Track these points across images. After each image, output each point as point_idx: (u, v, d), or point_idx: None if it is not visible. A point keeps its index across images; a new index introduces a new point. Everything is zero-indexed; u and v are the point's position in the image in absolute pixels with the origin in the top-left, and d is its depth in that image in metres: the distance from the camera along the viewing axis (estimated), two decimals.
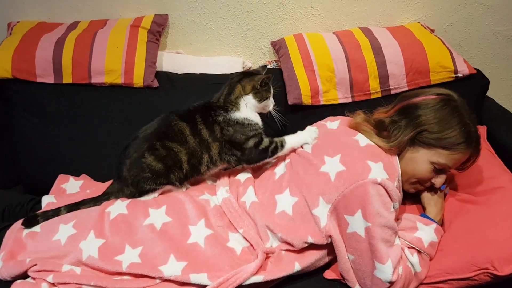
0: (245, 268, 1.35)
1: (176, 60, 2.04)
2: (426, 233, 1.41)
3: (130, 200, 1.50)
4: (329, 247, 1.43)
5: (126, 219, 1.42)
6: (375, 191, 1.30)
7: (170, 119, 1.53)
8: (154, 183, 1.48)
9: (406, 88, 1.86)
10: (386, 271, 1.30)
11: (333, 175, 1.35)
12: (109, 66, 1.81)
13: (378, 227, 1.30)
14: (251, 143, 1.51)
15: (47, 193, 1.71)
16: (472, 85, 1.89)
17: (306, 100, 1.82)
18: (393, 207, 1.35)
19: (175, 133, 1.50)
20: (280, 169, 1.55)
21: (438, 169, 1.42)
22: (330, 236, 1.38)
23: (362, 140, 1.42)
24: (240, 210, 1.47)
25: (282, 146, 1.53)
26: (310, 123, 1.82)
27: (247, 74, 1.57)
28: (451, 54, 1.86)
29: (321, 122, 1.62)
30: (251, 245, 1.42)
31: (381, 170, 1.33)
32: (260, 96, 1.51)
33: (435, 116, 1.38)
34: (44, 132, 1.83)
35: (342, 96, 1.85)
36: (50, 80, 1.83)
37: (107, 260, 1.35)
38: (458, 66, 1.84)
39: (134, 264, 1.34)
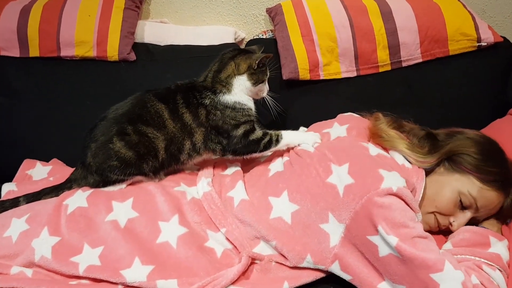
0: (224, 274, 1.16)
1: (160, 30, 1.86)
2: (501, 249, 1.20)
3: (91, 190, 1.32)
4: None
5: (86, 214, 1.24)
6: (391, 201, 1.11)
7: (145, 99, 1.32)
8: (122, 173, 1.29)
9: (420, 60, 1.66)
10: (450, 276, 1.05)
11: (342, 189, 1.16)
12: (80, 36, 1.64)
13: (409, 239, 1.09)
14: (240, 131, 1.31)
15: None
16: (497, 56, 1.68)
17: (304, 74, 1.62)
18: (417, 218, 1.16)
19: (151, 116, 1.29)
20: (276, 166, 1.34)
21: (463, 206, 1.25)
22: (338, 262, 1.18)
23: (373, 149, 1.26)
24: (223, 207, 1.27)
25: (278, 141, 1.33)
26: (308, 101, 1.68)
27: (241, 51, 1.36)
28: (473, 19, 1.65)
29: (325, 129, 1.41)
30: (235, 247, 1.23)
31: (397, 177, 1.15)
32: (256, 78, 1.31)
33: (480, 148, 1.27)
34: (9, 111, 1.68)
35: (345, 70, 1.67)
36: (15, 53, 1.68)
37: (61, 261, 1.18)
38: (481, 33, 1.63)
39: (93, 267, 1.17)
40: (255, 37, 1.85)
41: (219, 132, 1.31)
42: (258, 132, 1.33)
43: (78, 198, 1.28)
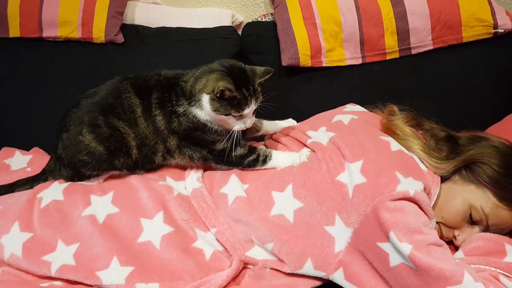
0: (212, 279, 1.06)
1: (152, 11, 1.75)
2: None
3: (69, 183, 1.22)
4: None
5: (61, 208, 1.15)
6: (404, 204, 1.02)
7: (121, 88, 1.20)
8: (95, 169, 1.18)
9: (431, 47, 1.57)
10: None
11: (351, 188, 1.06)
12: (64, 16, 1.55)
13: (424, 247, 0.98)
14: (219, 146, 1.19)
15: None
16: None
17: (305, 60, 1.53)
18: (431, 224, 1.06)
19: (123, 109, 1.17)
20: None
21: (473, 221, 1.14)
22: (342, 269, 1.07)
23: (394, 144, 1.15)
24: (214, 205, 1.17)
25: (265, 162, 1.21)
26: (309, 90, 1.59)
27: (230, 69, 1.14)
28: (489, 3, 1.57)
29: (338, 116, 1.29)
30: (226, 249, 1.13)
31: (412, 181, 1.05)
32: (216, 107, 1.11)
33: (504, 160, 1.14)
34: None
35: (350, 56, 1.57)
36: None
37: (33, 260, 1.09)
38: (498, 19, 1.55)
39: (66, 267, 1.07)
40: (253, 21, 1.74)
41: (196, 143, 1.20)
42: (243, 148, 1.21)
43: (53, 191, 1.19)
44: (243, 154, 1.20)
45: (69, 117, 1.20)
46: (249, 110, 1.12)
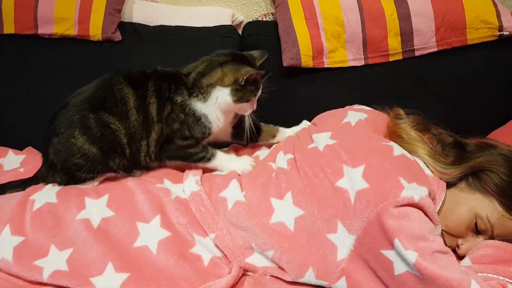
0: (211, 286, 1.03)
1: (150, 9, 1.72)
2: None
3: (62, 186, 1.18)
4: None
5: (55, 211, 1.11)
6: (409, 211, 0.99)
7: (113, 81, 1.16)
8: (90, 171, 1.15)
9: (435, 49, 1.54)
10: None
11: (353, 194, 1.03)
12: (60, 12, 1.52)
13: (430, 255, 0.96)
14: (184, 143, 1.18)
15: None
16: None
17: (306, 61, 1.49)
18: (436, 230, 1.03)
19: (115, 101, 1.13)
20: (278, 162, 1.21)
21: (477, 230, 1.11)
22: (345, 278, 1.04)
23: (397, 148, 1.12)
24: (213, 209, 1.13)
25: (209, 159, 1.23)
26: (310, 91, 1.56)
27: (236, 58, 1.18)
28: (495, 5, 1.53)
29: (344, 120, 1.25)
30: (225, 255, 1.09)
31: (416, 186, 1.02)
32: (240, 96, 1.14)
33: None
34: None
35: (352, 58, 1.54)
36: None
37: (24, 265, 1.05)
38: (503, 21, 1.51)
39: (59, 273, 1.03)
40: (254, 20, 1.71)
41: (169, 140, 1.18)
42: (198, 147, 1.21)
43: (46, 193, 1.15)
44: (196, 152, 1.20)
45: (58, 120, 1.15)
46: (260, 91, 1.17)
